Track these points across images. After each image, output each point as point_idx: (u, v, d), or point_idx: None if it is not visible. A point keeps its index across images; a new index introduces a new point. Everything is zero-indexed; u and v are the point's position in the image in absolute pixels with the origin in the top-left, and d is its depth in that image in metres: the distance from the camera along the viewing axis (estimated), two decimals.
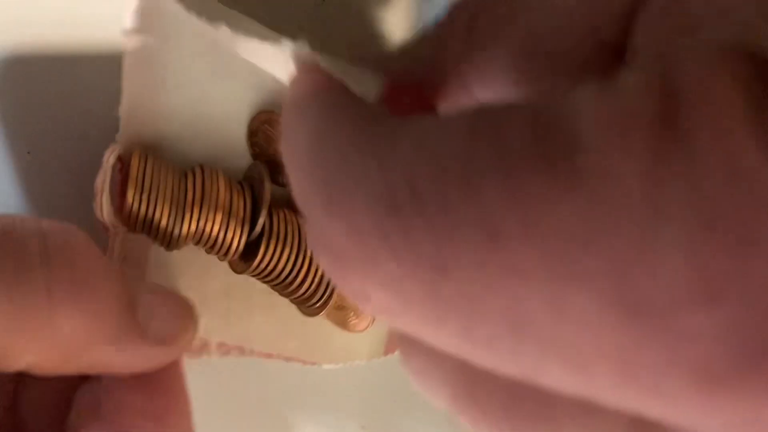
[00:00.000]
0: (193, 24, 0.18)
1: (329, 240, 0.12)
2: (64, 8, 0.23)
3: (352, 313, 0.28)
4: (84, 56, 0.24)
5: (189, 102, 0.25)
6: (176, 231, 0.24)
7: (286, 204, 0.27)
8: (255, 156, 0.27)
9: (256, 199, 0.25)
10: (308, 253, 0.26)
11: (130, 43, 0.23)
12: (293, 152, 0.14)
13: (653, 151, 0.09)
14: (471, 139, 0.10)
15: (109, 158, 0.23)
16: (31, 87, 0.24)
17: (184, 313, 0.21)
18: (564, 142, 0.09)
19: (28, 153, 0.25)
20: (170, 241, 0.24)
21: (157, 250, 0.25)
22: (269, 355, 0.27)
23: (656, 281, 0.09)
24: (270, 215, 0.25)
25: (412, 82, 0.16)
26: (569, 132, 0.09)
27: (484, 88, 0.15)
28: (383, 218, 0.11)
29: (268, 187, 0.25)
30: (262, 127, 0.26)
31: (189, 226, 0.24)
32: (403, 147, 0.11)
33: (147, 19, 0.23)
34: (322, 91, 0.15)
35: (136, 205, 0.23)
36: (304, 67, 0.16)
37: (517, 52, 0.14)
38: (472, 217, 0.10)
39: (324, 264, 0.13)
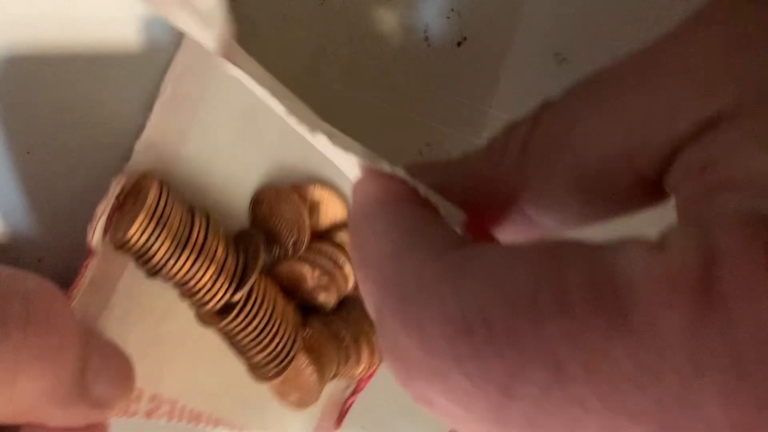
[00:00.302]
0: (235, 85, 0.18)
1: (400, 349, 0.13)
2: (64, 8, 0.23)
3: (297, 389, 0.28)
4: (84, 56, 0.24)
5: (205, 154, 0.26)
6: (168, 265, 0.24)
7: (268, 272, 0.27)
8: (252, 222, 0.27)
9: (246, 262, 0.26)
10: (278, 323, 0.26)
11: (169, 84, 0.24)
12: (367, 262, 0.15)
13: (695, 310, 0.10)
14: (536, 281, 0.12)
15: (116, 188, 0.24)
16: (31, 87, 0.24)
17: (125, 376, 0.22)
18: (620, 297, 0.11)
19: (28, 153, 0.25)
20: (156, 272, 0.25)
21: (126, 282, 0.26)
22: (197, 418, 0.28)
23: (695, 422, 0.10)
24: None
25: (467, 199, 0.17)
26: (624, 288, 0.11)
27: (536, 210, 0.16)
28: (457, 340, 0.12)
29: (262, 258, 0.26)
30: (269, 201, 0.27)
31: (182, 265, 0.24)
32: (475, 277, 0.13)
33: (191, 68, 0.24)
34: (394, 201, 0.16)
35: (140, 231, 0.24)
36: (372, 172, 0.17)
37: (564, 178, 0.15)
38: (538, 351, 0.11)
39: (392, 368, 0.14)
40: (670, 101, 0.13)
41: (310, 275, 0.27)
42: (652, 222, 0.14)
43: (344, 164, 0.18)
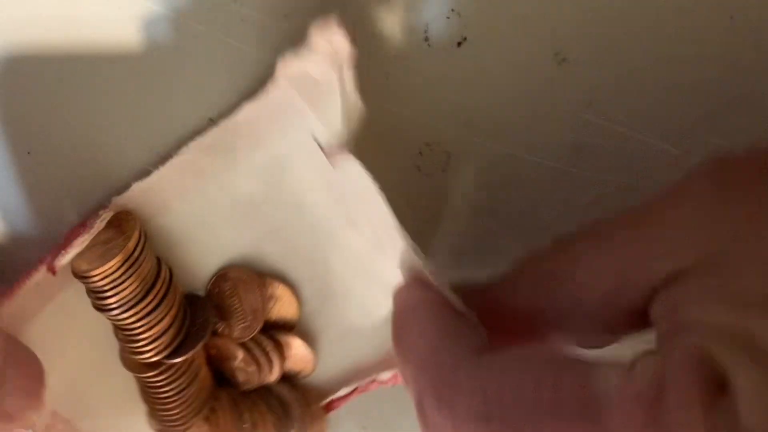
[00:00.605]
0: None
1: (436, 424, 0.18)
2: (64, 8, 0.23)
3: None
4: (84, 56, 0.24)
5: (191, 218, 0.27)
6: (121, 308, 0.24)
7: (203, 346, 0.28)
8: (209, 292, 0.28)
9: (190, 331, 0.27)
10: (194, 389, 0.27)
11: (191, 151, 0.25)
12: (410, 353, 0.20)
13: (647, 421, 0.15)
14: (539, 386, 0.16)
15: (102, 223, 0.24)
16: (31, 87, 0.24)
17: (37, 391, 0.23)
18: (598, 403, 0.15)
19: (28, 153, 0.25)
20: (105, 311, 0.25)
21: (65, 296, 0.26)
22: None
23: None
24: None
25: (490, 315, 0.21)
26: (602, 398, 0.15)
27: (546, 328, 0.20)
28: (478, 424, 0.17)
29: (208, 336, 0.27)
30: (234, 280, 0.28)
31: (135, 313, 0.25)
32: (496, 378, 0.17)
33: (217, 146, 0.25)
34: (434, 305, 0.20)
35: (110, 271, 0.24)
36: (418, 280, 0.21)
37: (568, 308, 0.19)
38: None
39: None
40: (647, 257, 0.18)
41: (239, 359, 0.28)
42: None
43: (397, 269, 0.22)
